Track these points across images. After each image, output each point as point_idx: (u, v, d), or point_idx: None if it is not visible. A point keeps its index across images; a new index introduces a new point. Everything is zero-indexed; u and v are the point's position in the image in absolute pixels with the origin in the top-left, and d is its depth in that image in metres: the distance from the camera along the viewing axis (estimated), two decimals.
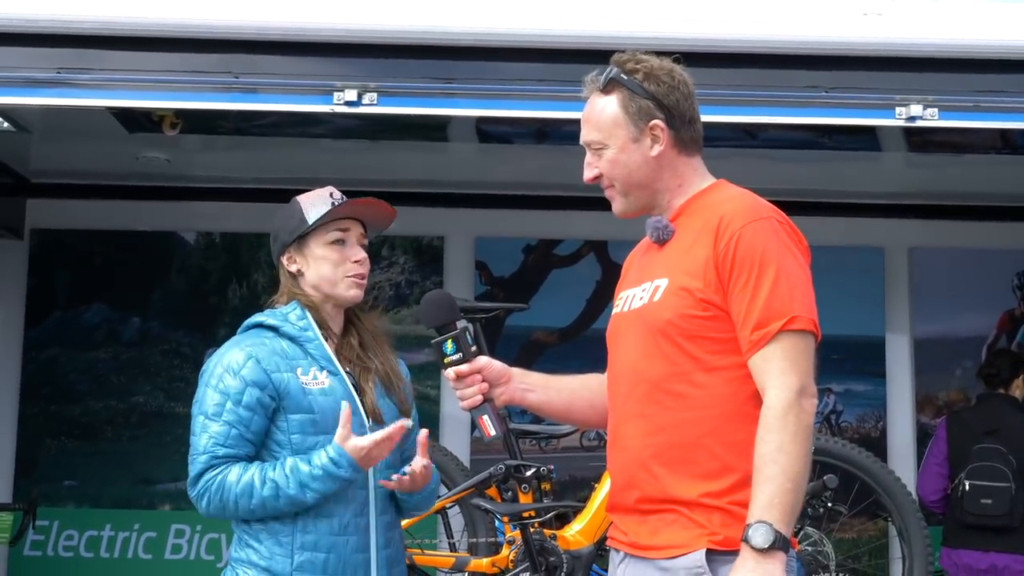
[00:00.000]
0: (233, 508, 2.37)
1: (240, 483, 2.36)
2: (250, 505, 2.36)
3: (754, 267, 2.09)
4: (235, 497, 2.35)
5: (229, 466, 2.37)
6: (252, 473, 2.36)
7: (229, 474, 2.37)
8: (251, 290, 5.58)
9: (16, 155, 5.26)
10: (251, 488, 2.35)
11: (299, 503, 2.35)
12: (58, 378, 5.56)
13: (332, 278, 2.50)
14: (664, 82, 2.23)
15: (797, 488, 2.02)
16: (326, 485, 2.35)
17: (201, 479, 2.39)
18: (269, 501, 2.35)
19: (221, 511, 2.39)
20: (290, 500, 2.35)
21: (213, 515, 2.43)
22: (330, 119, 4.26)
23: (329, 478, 2.34)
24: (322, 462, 2.35)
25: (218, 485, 2.37)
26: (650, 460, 2.15)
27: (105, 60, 3.60)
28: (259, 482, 2.35)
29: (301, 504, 2.36)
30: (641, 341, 2.19)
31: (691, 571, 2.08)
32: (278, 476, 2.35)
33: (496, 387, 2.32)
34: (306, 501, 2.35)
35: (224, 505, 2.37)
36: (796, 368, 2.06)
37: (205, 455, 2.38)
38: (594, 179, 2.28)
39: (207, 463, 2.38)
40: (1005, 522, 4.52)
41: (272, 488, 2.34)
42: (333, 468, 2.34)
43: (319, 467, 2.34)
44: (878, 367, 5.59)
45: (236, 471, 2.37)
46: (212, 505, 2.39)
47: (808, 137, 4.60)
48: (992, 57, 3.59)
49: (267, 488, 2.35)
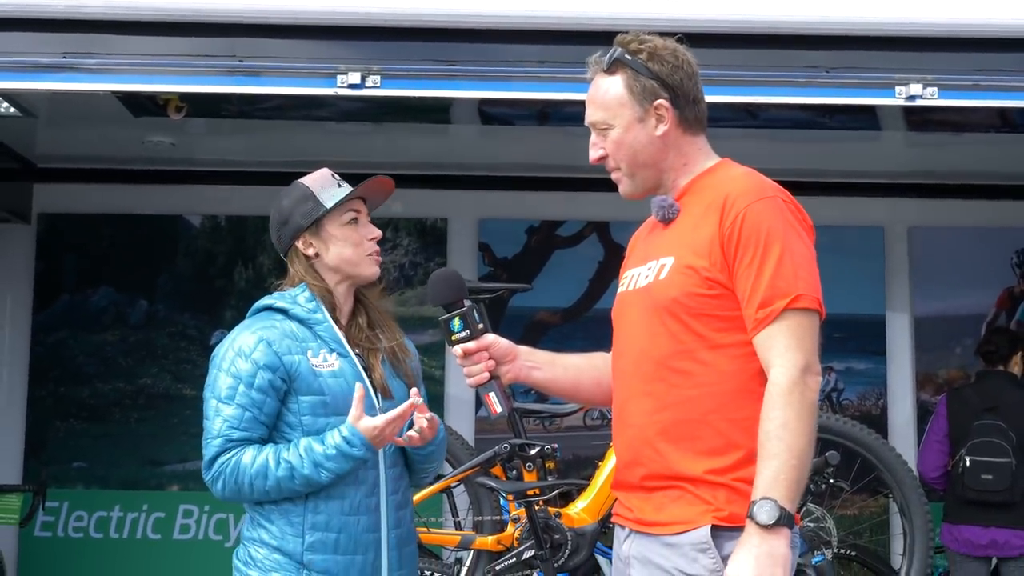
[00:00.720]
0: (248, 490, 2.38)
1: (255, 465, 2.36)
2: (265, 486, 2.36)
3: (759, 246, 2.09)
4: (250, 479, 2.36)
5: (243, 448, 2.38)
6: (266, 454, 2.37)
7: (243, 456, 2.37)
8: (256, 272, 5.61)
9: (22, 140, 5.28)
10: (266, 469, 2.36)
11: (313, 483, 2.36)
12: (66, 360, 5.59)
13: (354, 258, 2.52)
14: (668, 62, 2.22)
15: (801, 465, 2.02)
16: (340, 464, 2.36)
17: (216, 462, 2.39)
18: (284, 482, 2.36)
19: (236, 493, 2.39)
20: (305, 480, 2.36)
21: (228, 498, 2.43)
22: (334, 102, 4.27)
23: (343, 457, 2.35)
24: (335, 442, 2.36)
25: (232, 467, 2.37)
26: (655, 437, 2.15)
27: (110, 44, 3.62)
28: (274, 463, 2.36)
29: (315, 484, 2.36)
30: (647, 319, 2.19)
31: (696, 547, 2.09)
32: (292, 457, 2.36)
33: (502, 365, 2.32)
34: (320, 481, 2.36)
35: (239, 487, 2.38)
36: (800, 346, 2.07)
37: (219, 438, 2.39)
38: (599, 159, 2.27)
39: (222, 446, 2.38)
40: (1005, 497, 4.54)
41: (287, 469, 2.35)
42: (347, 447, 2.35)
43: (333, 446, 2.36)
44: (879, 345, 5.61)
45: (250, 453, 2.37)
46: (227, 487, 2.39)
47: (809, 117, 4.60)
48: (991, 36, 3.61)
49: (282, 469, 2.35)
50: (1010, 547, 4.61)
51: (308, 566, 2.38)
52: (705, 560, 2.08)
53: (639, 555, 2.18)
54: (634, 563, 2.19)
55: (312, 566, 2.38)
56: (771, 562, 1.98)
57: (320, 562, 2.38)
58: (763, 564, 1.98)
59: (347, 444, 2.35)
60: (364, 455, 2.37)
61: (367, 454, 2.38)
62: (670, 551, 2.12)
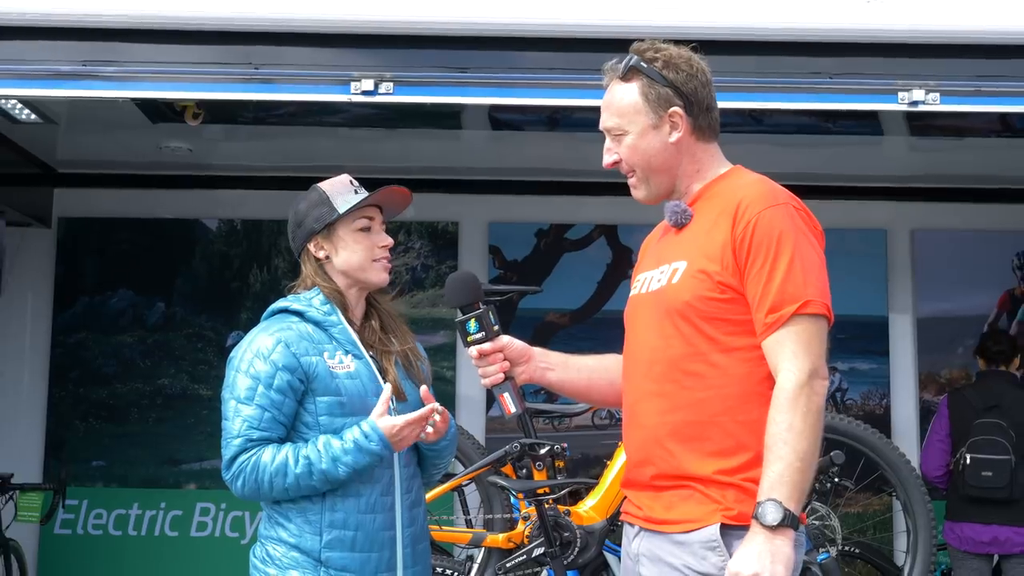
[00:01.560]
0: (268, 488, 2.39)
1: (274, 463, 2.38)
2: (284, 483, 2.38)
3: (770, 251, 2.11)
4: (269, 476, 2.37)
5: (263, 447, 2.39)
6: (285, 452, 2.39)
7: (263, 455, 2.39)
8: (272, 275, 5.67)
9: (43, 146, 5.34)
10: (285, 466, 2.37)
11: (331, 478, 2.38)
12: (86, 361, 5.66)
13: (362, 264, 2.54)
14: (683, 70, 2.24)
15: (806, 467, 2.04)
16: (357, 458, 2.38)
17: (236, 461, 2.40)
18: (303, 478, 2.37)
19: (255, 492, 2.41)
20: (323, 475, 2.37)
21: (248, 496, 2.43)
22: (347, 108, 4.34)
23: (360, 452, 2.38)
24: (354, 436, 2.39)
25: (252, 466, 2.39)
26: (666, 437, 2.17)
27: (129, 53, 3.66)
28: (292, 460, 2.37)
29: (333, 479, 2.38)
30: (659, 322, 2.21)
31: (706, 545, 2.11)
32: (311, 452, 2.38)
33: (517, 366, 2.35)
34: (338, 475, 2.38)
35: (259, 485, 2.39)
36: (808, 351, 2.09)
37: (240, 438, 2.40)
38: (613, 164, 2.29)
39: (242, 446, 2.40)
40: (1006, 494, 4.58)
41: (305, 464, 2.37)
42: (364, 441, 2.38)
43: (351, 440, 2.39)
44: (882, 346, 5.65)
45: (270, 451, 2.39)
46: (247, 486, 2.40)
47: (813, 122, 4.65)
48: (992, 43, 3.64)
49: (300, 465, 2.37)
50: (1012, 544, 4.64)
51: (326, 563, 2.40)
52: (714, 558, 2.10)
53: (648, 552, 2.20)
54: (643, 560, 2.21)
55: (330, 563, 2.40)
56: (773, 559, 2.01)
57: (338, 559, 2.41)
58: (765, 560, 2.01)
59: (365, 439, 2.38)
60: (380, 451, 2.39)
61: (384, 451, 2.40)
62: (679, 549, 2.14)
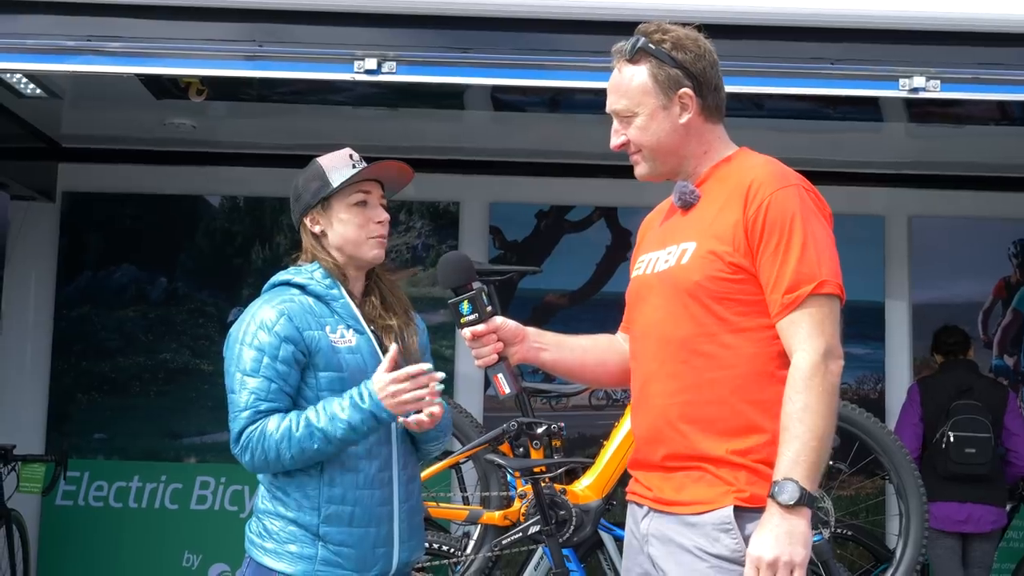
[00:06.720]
0: (275, 457, 2.38)
1: (279, 430, 2.38)
2: (290, 450, 2.37)
3: (784, 232, 2.11)
4: (275, 444, 2.37)
5: (268, 418, 2.40)
6: (289, 419, 2.39)
7: (268, 424, 2.39)
8: (274, 252, 5.70)
9: (48, 121, 5.36)
10: (289, 431, 2.37)
11: (330, 438, 2.37)
12: (89, 335, 5.69)
13: (356, 239, 2.53)
14: (691, 51, 2.23)
15: (822, 447, 2.04)
16: (352, 415, 2.37)
17: (244, 434, 2.40)
18: (305, 440, 2.37)
19: (264, 463, 2.40)
20: (323, 436, 2.37)
21: (258, 468, 2.43)
22: (350, 87, 4.32)
23: (355, 408, 2.37)
24: (350, 394, 2.39)
25: (259, 436, 2.39)
26: (677, 418, 2.16)
27: (134, 28, 3.67)
28: (295, 424, 2.38)
29: (332, 440, 2.37)
30: (668, 302, 2.20)
31: (719, 526, 2.10)
32: (310, 413, 2.39)
33: (511, 346, 2.33)
34: (336, 435, 2.37)
35: (266, 455, 2.38)
36: (823, 331, 2.09)
37: (248, 411, 2.40)
38: (621, 146, 2.28)
39: (250, 418, 2.40)
40: (987, 470, 4.79)
41: (307, 427, 2.37)
42: (358, 399, 2.37)
43: (347, 396, 2.39)
44: (877, 332, 5.70)
45: (274, 420, 2.39)
46: (256, 458, 2.40)
47: (813, 107, 4.66)
48: (992, 31, 3.66)
49: (302, 428, 2.37)
50: (984, 522, 4.84)
51: (324, 538, 2.41)
52: (727, 540, 2.10)
53: (659, 533, 2.19)
54: (653, 541, 2.20)
55: (328, 538, 2.41)
56: (792, 540, 2.01)
57: (336, 534, 2.41)
58: (784, 542, 2.01)
59: (359, 396, 2.38)
60: (372, 408, 2.38)
61: (375, 409, 2.38)
62: (691, 530, 2.14)
